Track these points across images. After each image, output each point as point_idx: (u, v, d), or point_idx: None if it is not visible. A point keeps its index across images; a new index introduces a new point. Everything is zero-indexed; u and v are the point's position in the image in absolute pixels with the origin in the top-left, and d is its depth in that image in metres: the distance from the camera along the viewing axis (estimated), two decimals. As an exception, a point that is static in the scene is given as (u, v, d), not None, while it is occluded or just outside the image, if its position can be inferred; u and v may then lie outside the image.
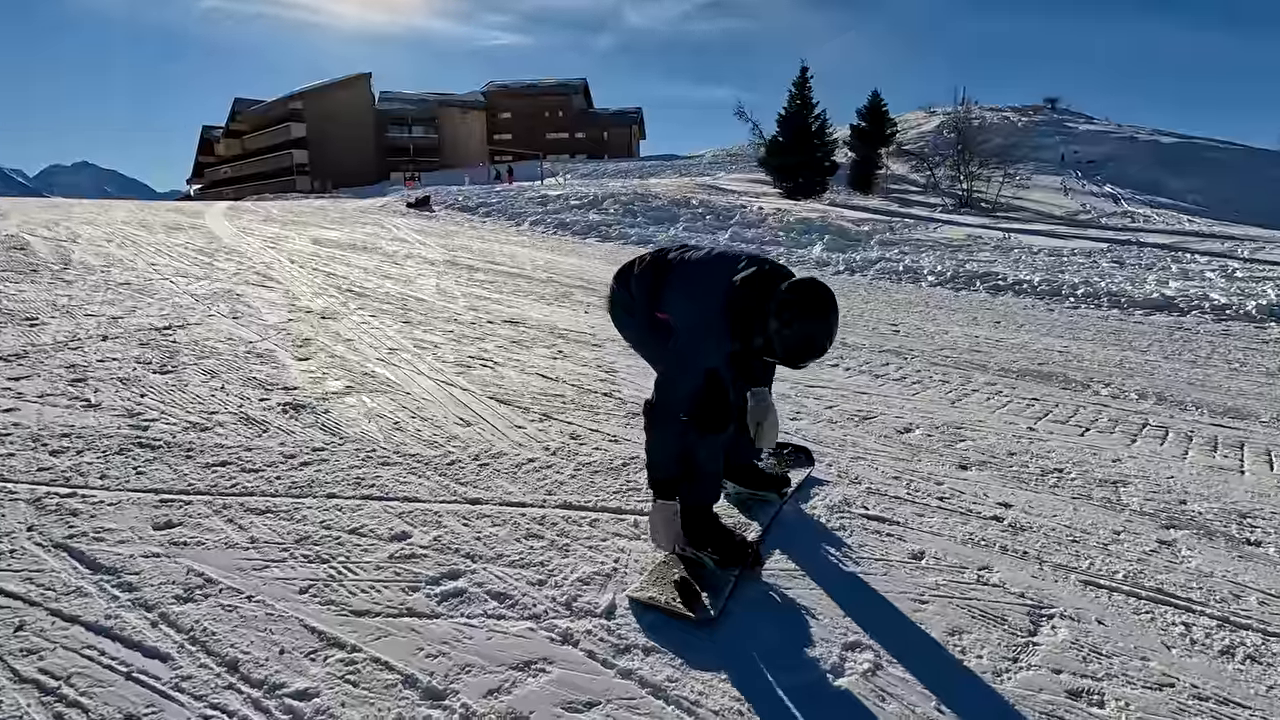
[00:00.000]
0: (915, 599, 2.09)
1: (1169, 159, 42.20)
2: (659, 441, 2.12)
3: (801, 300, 1.89)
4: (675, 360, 2.08)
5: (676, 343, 2.08)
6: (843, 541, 2.41)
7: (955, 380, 4.89)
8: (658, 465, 2.14)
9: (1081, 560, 2.39)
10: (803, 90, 30.88)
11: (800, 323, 1.88)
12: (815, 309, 1.89)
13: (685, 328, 2.07)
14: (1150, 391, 4.89)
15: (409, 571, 2.06)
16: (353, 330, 5.00)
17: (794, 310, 1.88)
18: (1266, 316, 8.36)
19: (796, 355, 1.92)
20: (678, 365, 2.07)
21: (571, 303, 6.86)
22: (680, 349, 2.06)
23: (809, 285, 1.92)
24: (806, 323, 1.88)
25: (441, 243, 11.62)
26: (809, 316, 1.89)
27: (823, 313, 1.89)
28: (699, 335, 2.04)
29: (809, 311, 1.89)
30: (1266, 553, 2.57)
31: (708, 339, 2.03)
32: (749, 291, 1.98)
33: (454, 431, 3.18)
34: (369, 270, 8.01)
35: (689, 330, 2.05)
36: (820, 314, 1.89)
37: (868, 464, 3.14)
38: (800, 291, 1.91)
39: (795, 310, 1.88)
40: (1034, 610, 2.06)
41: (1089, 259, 13.73)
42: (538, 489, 2.65)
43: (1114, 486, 3.10)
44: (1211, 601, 2.19)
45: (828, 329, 1.89)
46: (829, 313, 1.89)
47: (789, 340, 1.89)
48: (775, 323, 1.89)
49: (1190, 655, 1.91)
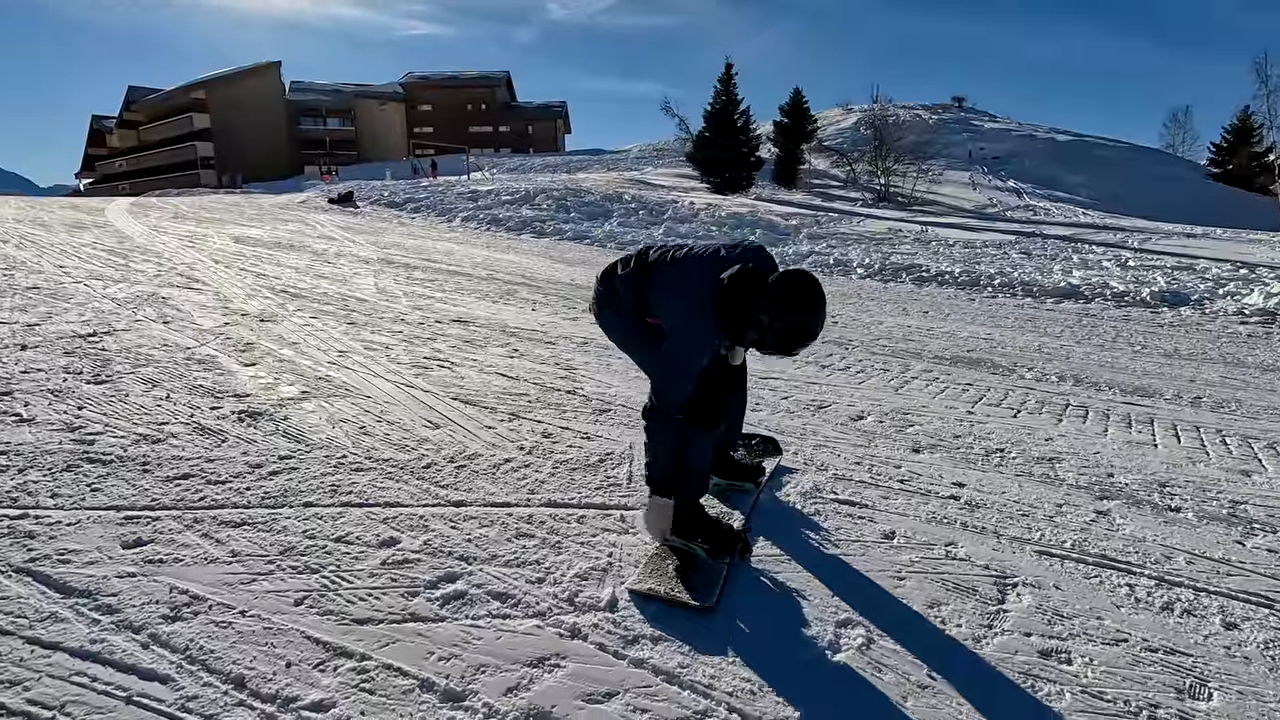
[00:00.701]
0: (894, 576, 2.22)
1: (1064, 156, 45.18)
2: (660, 442, 2.18)
3: (791, 292, 1.99)
4: (671, 363, 2.13)
5: (670, 346, 2.13)
6: (820, 526, 2.53)
7: (895, 369, 5.14)
8: (658, 464, 2.19)
9: (1033, 532, 2.59)
10: (728, 86, 31.35)
11: (792, 314, 1.98)
12: (805, 300, 1.99)
13: (677, 330, 2.12)
14: (1068, 374, 5.28)
15: (405, 577, 2.05)
16: (296, 333, 4.82)
17: (785, 302, 1.98)
18: (1159, 302, 9.12)
19: (791, 344, 2.02)
20: (674, 368, 2.13)
21: (517, 300, 6.82)
22: (674, 352, 2.12)
23: (797, 277, 2.02)
24: (798, 314, 1.98)
25: (372, 240, 11.27)
26: (800, 308, 1.98)
27: (812, 302, 1.99)
28: (691, 337, 2.10)
29: (799, 303, 1.98)
30: (1186, 517, 2.85)
31: (700, 339, 2.10)
32: (737, 289, 2.06)
33: (423, 434, 3.14)
34: (301, 270, 7.70)
35: (682, 333, 2.11)
36: (810, 304, 1.99)
37: (830, 451, 3.29)
38: (789, 284, 2.00)
39: (786, 302, 1.98)
40: (999, 580, 2.24)
41: (1000, 250, 14.57)
42: (520, 488, 2.66)
43: (1050, 463, 3.36)
44: (1148, 564, 2.42)
45: (818, 317, 2.00)
46: (818, 302, 2.00)
47: (783, 331, 1.98)
48: (768, 316, 1.98)
49: (1137, 613, 2.12)
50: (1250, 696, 1.78)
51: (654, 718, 1.60)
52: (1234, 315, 8.55)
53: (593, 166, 41.04)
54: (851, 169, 34.74)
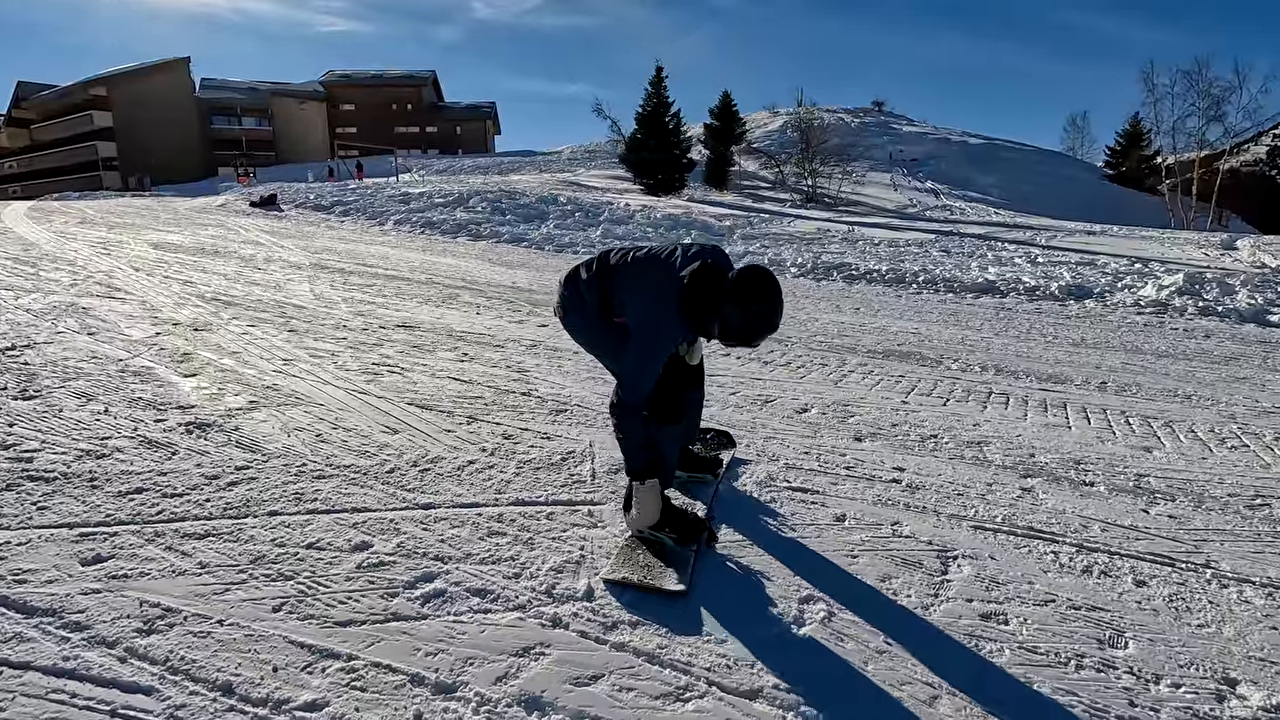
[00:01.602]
0: (848, 555, 2.39)
1: (977, 158, 47.67)
2: (631, 436, 2.26)
3: (753, 286, 2.14)
4: (636, 359, 2.23)
5: (636, 340, 2.23)
6: (776, 512, 2.68)
7: (833, 363, 5.39)
8: (634, 456, 2.27)
9: (969, 509, 2.82)
10: (659, 89, 31.73)
11: (755, 305, 2.13)
12: (765, 292, 2.14)
13: (643, 325, 2.23)
14: (990, 364, 5.66)
15: (382, 579, 2.08)
16: (235, 342, 4.68)
17: (747, 295, 2.13)
18: (1066, 296, 9.81)
19: (754, 333, 2.18)
20: (640, 363, 2.22)
21: (461, 304, 6.78)
22: (640, 345, 2.22)
23: (757, 271, 2.18)
24: (761, 305, 2.14)
25: (302, 245, 10.93)
26: (761, 300, 2.14)
27: (772, 294, 2.15)
28: (656, 331, 2.21)
29: (760, 295, 2.14)
30: (1099, 490, 3.15)
31: (664, 333, 2.21)
32: (700, 283, 2.20)
33: (383, 439, 3.14)
34: (231, 276, 7.43)
35: (647, 327, 2.22)
36: (770, 296, 2.14)
37: (780, 442, 3.46)
38: (750, 279, 2.15)
39: (748, 295, 2.13)
40: (941, 554, 2.43)
41: (922, 249, 15.31)
42: (486, 489, 2.70)
43: (979, 447, 3.63)
44: (1068, 533, 2.67)
45: (778, 307, 2.16)
46: (777, 294, 2.16)
47: (747, 322, 2.14)
48: (732, 309, 2.12)
49: (1062, 576, 2.35)
50: (1160, 643, 2.01)
51: (639, 695, 1.70)
52: (1131, 306, 9.29)
53: (525, 168, 40.79)
54: (780, 171, 35.73)
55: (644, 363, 2.22)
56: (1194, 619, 2.15)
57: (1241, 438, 4.13)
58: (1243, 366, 6.25)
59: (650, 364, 2.22)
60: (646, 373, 2.22)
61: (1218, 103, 34.40)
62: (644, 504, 2.30)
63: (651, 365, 2.22)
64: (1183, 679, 1.88)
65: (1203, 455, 3.77)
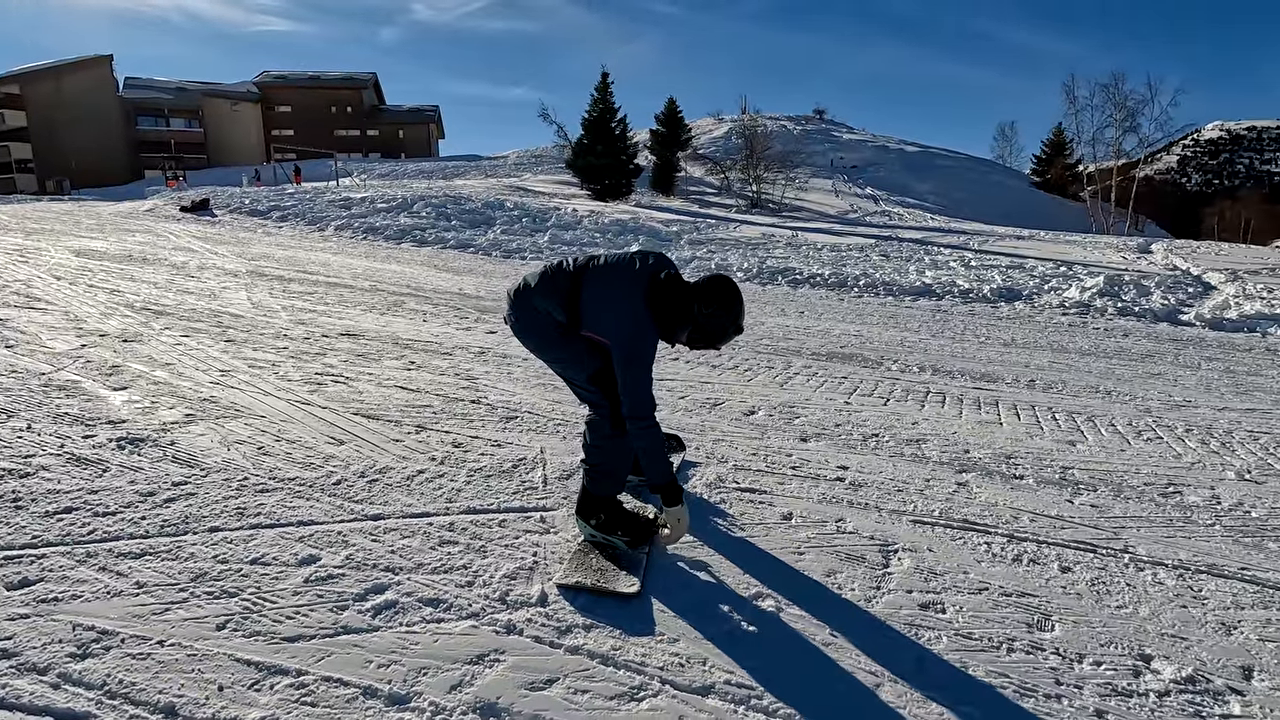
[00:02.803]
0: (794, 552, 2.46)
1: (913, 165, 49.35)
2: (656, 443, 2.28)
3: (720, 291, 2.28)
4: (635, 373, 2.26)
5: (630, 353, 2.26)
6: (725, 513, 2.74)
7: (779, 365, 5.52)
8: (662, 469, 2.30)
9: (908, 505, 2.94)
10: (605, 94, 31.81)
11: (723, 309, 2.27)
12: (733, 297, 2.29)
13: (630, 336, 2.26)
14: (927, 365, 5.88)
15: (331, 592, 2.04)
16: (168, 353, 4.51)
17: (715, 300, 2.26)
18: (998, 298, 10.26)
19: (722, 336, 2.32)
20: (639, 375, 2.26)
21: (406, 311, 6.68)
22: (633, 361, 2.26)
23: (722, 279, 2.33)
24: (730, 309, 2.28)
25: (237, 251, 10.56)
26: (730, 304, 2.28)
27: (738, 299, 2.31)
28: (644, 339, 2.28)
29: (729, 300, 2.28)
30: (1028, 483, 3.32)
31: (649, 343, 2.29)
32: (670, 293, 2.29)
33: (328, 451, 3.08)
34: (161, 285, 7.13)
35: (633, 342, 2.26)
36: (737, 300, 2.30)
37: (728, 445, 3.53)
38: (717, 284, 2.30)
39: (716, 300, 2.26)
40: (883, 548, 2.53)
41: (862, 253, 15.76)
42: (436, 498, 2.69)
43: (918, 445, 3.78)
44: (1000, 524, 2.82)
45: (742, 311, 2.32)
46: (740, 298, 2.32)
47: (716, 324, 2.27)
48: (703, 314, 2.25)
49: (994, 565, 2.47)
50: (1083, 624, 2.15)
51: (594, 697, 1.73)
52: (1057, 308, 9.78)
53: (470, 173, 40.30)
54: (725, 177, 36.22)
55: (642, 373, 2.27)
56: (1113, 601, 2.29)
57: (1156, 430, 4.40)
58: (1157, 363, 6.66)
59: (647, 374, 2.28)
60: (646, 382, 2.28)
61: (1132, 114, 36.52)
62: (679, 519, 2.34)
63: (648, 374, 2.28)
64: (1103, 657, 2.01)
65: (1121, 448, 4.01)
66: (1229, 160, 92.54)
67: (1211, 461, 3.83)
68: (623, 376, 2.27)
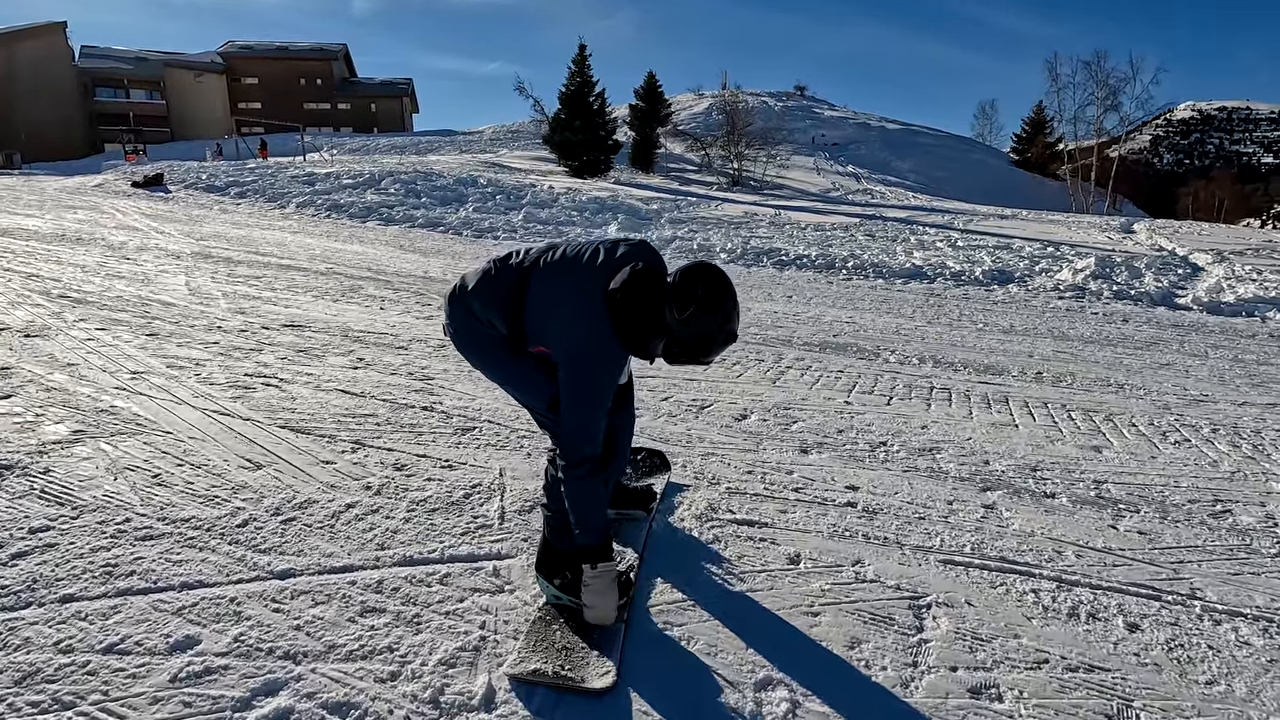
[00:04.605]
0: (807, 611, 2.00)
1: (894, 143, 48.94)
2: (590, 498, 1.76)
3: (699, 288, 1.69)
4: (580, 407, 1.74)
5: (577, 381, 1.74)
6: (720, 556, 2.27)
7: (769, 358, 5.05)
8: (594, 527, 1.77)
9: (933, 538, 2.49)
10: (583, 68, 30.83)
11: (705, 313, 1.68)
12: (718, 293, 1.70)
13: (580, 360, 1.74)
14: (926, 356, 5.45)
15: (205, 697, 1.54)
16: (74, 350, 3.92)
17: (696, 300, 1.68)
18: (990, 280, 9.88)
19: (706, 348, 1.73)
20: (585, 410, 1.74)
21: (363, 298, 6.09)
22: (584, 387, 1.73)
23: (703, 270, 1.72)
24: (715, 309, 1.69)
25: (185, 230, 9.82)
26: (715, 303, 1.69)
27: (726, 299, 1.71)
28: (598, 364, 1.74)
29: (713, 297, 1.69)
30: (1062, 503, 2.89)
31: (605, 367, 1.75)
32: (636, 298, 1.73)
33: (240, 479, 2.54)
34: (90, 268, 6.46)
35: (585, 363, 1.74)
36: (725, 296, 1.71)
37: (719, 460, 3.06)
38: (695, 279, 1.70)
39: (698, 300, 1.68)
40: (913, 602, 2.08)
41: (847, 233, 15.31)
42: (365, 544, 2.18)
43: (931, 455, 3.34)
44: (1042, 562, 2.38)
45: (733, 314, 1.72)
46: (731, 297, 1.72)
47: (696, 335, 1.70)
48: (680, 323, 1.68)
49: (1048, 623, 2.03)
50: (1173, 713, 1.71)
51: None
52: (1052, 291, 9.42)
53: (444, 148, 39.17)
54: (706, 154, 35.49)
55: (590, 408, 1.73)
56: (1200, 673, 1.86)
57: (1181, 430, 4.02)
58: (1164, 352, 6.31)
59: (598, 408, 1.75)
60: (595, 418, 1.75)
61: (1114, 93, 36.35)
62: (602, 594, 1.79)
63: (599, 409, 1.75)
64: (1205, 761, 1.57)
65: (1151, 454, 3.61)
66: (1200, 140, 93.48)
67: (1251, 470, 3.44)
68: (563, 399, 1.75)
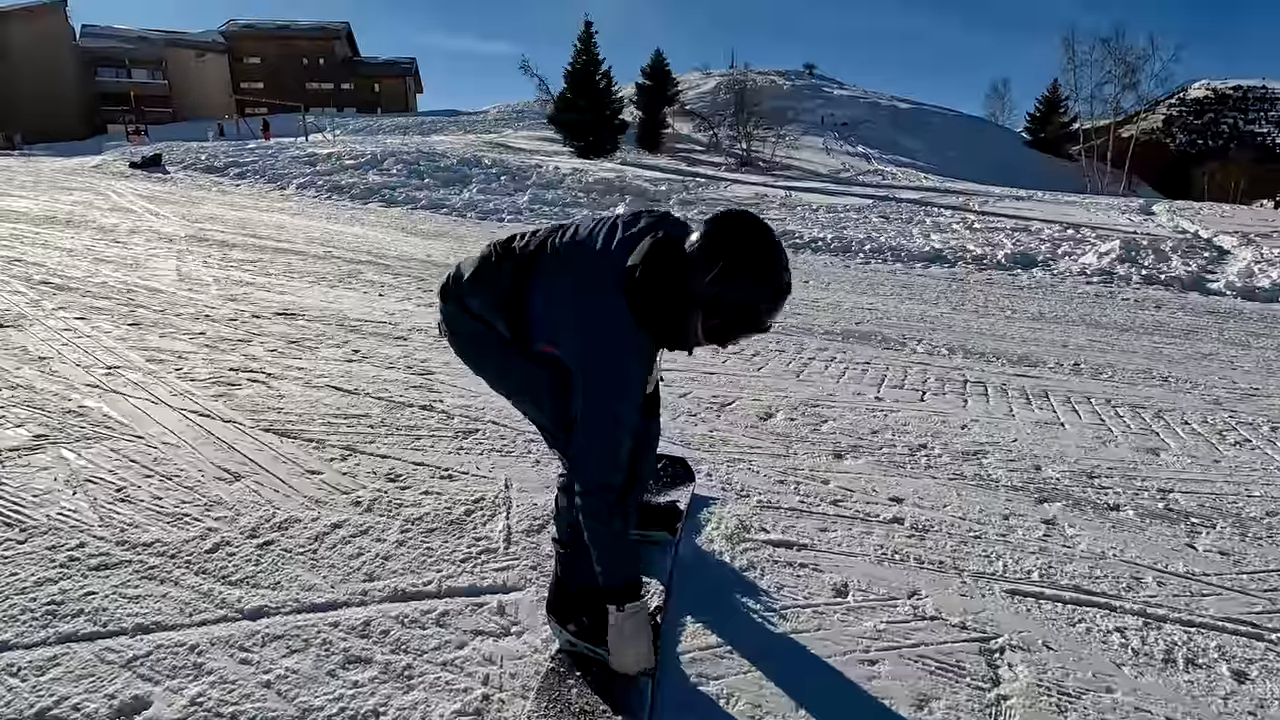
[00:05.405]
0: (863, 659, 1.72)
1: (904, 123, 48.10)
2: (609, 535, 1.46)
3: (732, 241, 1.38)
4: (601, 416, 1.44)
5: (594, 395, 1.44)
6: (757, 587, 1.98)
7: (790, 348, 4.76)
8: (618, 565, 1.48)
9: (994, 561, 2.20)
10: (588, 46, 30.19)
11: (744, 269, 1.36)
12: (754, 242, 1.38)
13: (597, 369, 1.44)
14: (955, 346, 5.14)
15: (150, 780, 1.27)
16: (47, 342, 3.65)
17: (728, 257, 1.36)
18: (1013, 264, 9.51)
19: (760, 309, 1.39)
20: (607, 426, 1.44)
21: (361, 283, 5.80)
22: (602, 403, 1.43)
23: (729, 220, 1.41)
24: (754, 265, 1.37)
25: (181, 213, 9.53)
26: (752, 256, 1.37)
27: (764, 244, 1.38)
28: (621, 370, 1.43)
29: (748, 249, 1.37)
30: (1129, 517, 2.60)
31: (632, 371, 1.44)
32: (657, 273, 1.42)
33: (215, 493, 2.27)
34: (77, 252, 6.18)
35: (605, 371, 1.43)
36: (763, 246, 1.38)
37: (747, 467, 2.77)
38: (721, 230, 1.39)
39: (729, 256, 1.36)
40: (983, 645, 1.80)
41: (861, 215, 14.89)
42: (352, 574, 1.90)
43: (977, 459, 3.05)
44: (1121, 592, 2.09)
45: (782, 258, 1.39)
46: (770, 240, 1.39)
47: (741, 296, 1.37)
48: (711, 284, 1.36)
49: (1142, 672, 1.75)
50: (1313, 796, 1.43)
51: None
52: (1079, 275, 9.04)
53: (448, 128, 38.63)
54: (714, 133, 34.91)
55: (610, 424, 1.43)
56: (1331, 738, 1.58)
57: (1238, 429, 3.72)
58: (1203, 341, 5.98)
59: (621, 424, 1.43)
60: (617, 436, 1.43)
61: (1132, 70, 35.45)
62: (633, 639, 1.50)
63: (622, 424, 1.44)
64: None
65: (1213, 457, 3.32)
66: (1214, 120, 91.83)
67: (1327, 476, 3.14)
68: (581, 416, 1.45)
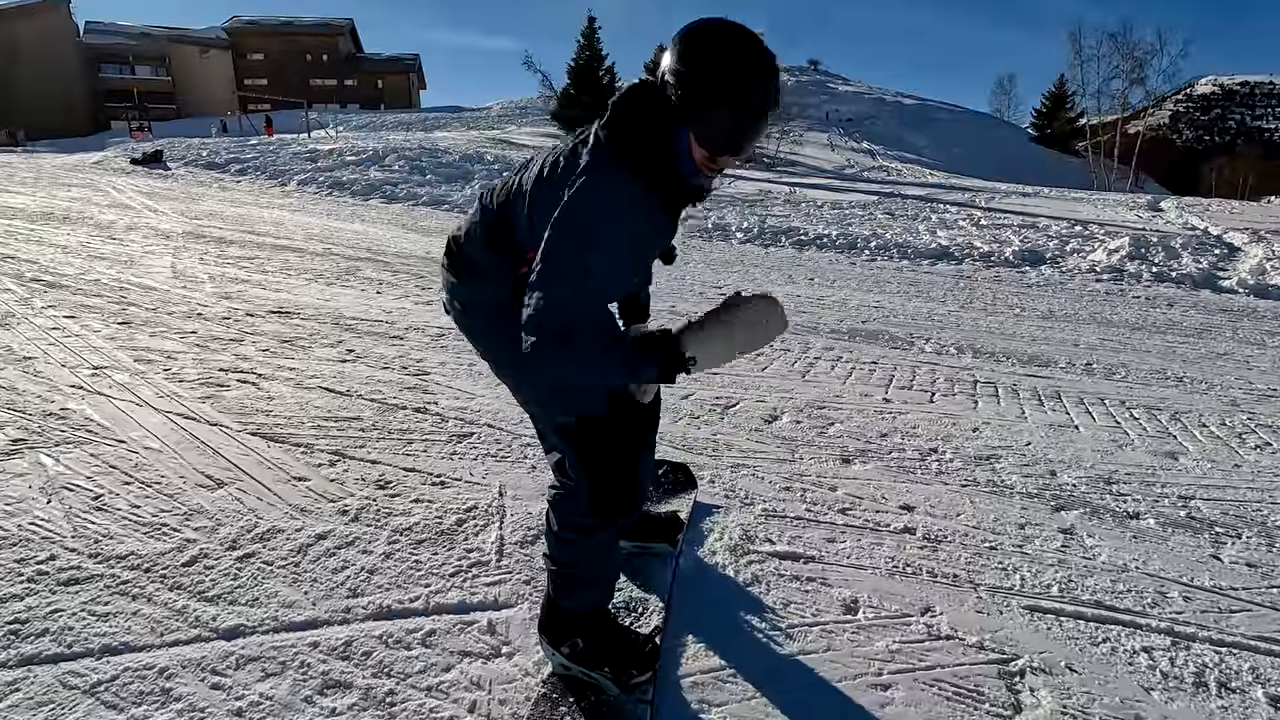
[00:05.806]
0: (875, 682, 1.62)
1: (910, 119, 47.86)
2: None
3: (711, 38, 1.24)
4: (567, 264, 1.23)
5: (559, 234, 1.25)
6: (762, 604, 1.88)
7: (795, 347, 4.65)
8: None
9: (1011, 574, 2.10)
10: (592, 41, 30.12)
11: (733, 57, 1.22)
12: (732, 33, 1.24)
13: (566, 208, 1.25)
14: (964, 345, 5.03)
15: (105, 822, 1.18)
16: (34, 341, 3.56)
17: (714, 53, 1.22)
18: (1021, 261, 9.38)
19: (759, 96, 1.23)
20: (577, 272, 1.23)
21: (359, 281, 5.71)
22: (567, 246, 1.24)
23: (699, 24, 1.26)
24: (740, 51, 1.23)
25: (181, 209, 9.45)
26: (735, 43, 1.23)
27: (742, 30, 1.25)
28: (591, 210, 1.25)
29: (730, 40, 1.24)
30: (1150, 526, 2.49)
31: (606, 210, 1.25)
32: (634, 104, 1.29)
33: (196, 501, 2.18)
34: (72, 249, 6.10)
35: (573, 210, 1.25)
36: (742, 33, 1.24)
37: (751, 473, 2.67)
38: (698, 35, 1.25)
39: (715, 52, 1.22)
40: (1002, 668, 1.69)
41: (866, 211, 14.76)
42: (335, 589, 1.81)
43: (989, 464, 2.94)
44: (1146, 608, 1.99)
45: (758, 39, 1.25)
46: (744, 28, 1.25)
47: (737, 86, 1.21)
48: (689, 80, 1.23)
49: (1173, 699, 1.64)
50: (1364, 839, 1.33)
51: None
52: (1088, 273, 8.91)
53: (451, 125, 38.55)
54: (717, 129, 34.69)
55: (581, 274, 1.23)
56: (1378, 772, 1.47)
57: (1258, 432, 3.61)
58: (1218, 340, 5.85)
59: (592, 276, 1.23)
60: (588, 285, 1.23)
61: (1140, 65, 35.16)
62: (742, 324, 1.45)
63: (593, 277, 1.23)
64: None
65: (1234, 461, 3.20)
66: (1221, 116, 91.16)
67: (1354, 482, 3.02)
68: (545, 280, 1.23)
